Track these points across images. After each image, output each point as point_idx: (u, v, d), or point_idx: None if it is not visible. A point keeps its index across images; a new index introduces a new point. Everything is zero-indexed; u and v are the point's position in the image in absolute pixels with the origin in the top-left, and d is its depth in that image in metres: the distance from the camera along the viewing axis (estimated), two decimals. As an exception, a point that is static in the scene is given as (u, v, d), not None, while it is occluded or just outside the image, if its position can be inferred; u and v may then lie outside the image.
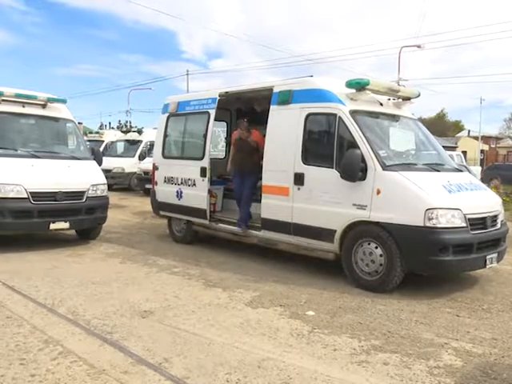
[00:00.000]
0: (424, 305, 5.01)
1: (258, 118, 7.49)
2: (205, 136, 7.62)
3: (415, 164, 6.01)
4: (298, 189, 6.11)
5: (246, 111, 8.90)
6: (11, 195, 6.86)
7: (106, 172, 11.69)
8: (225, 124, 9.43)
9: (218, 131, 9.71)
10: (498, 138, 63.70)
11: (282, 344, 3.88)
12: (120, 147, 19.34)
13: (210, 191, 7.58)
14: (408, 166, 5.75)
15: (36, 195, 7.02)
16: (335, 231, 5.72)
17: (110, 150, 19.38)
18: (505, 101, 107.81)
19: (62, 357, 3.54)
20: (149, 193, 9.72)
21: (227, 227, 7.40)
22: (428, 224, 5.08)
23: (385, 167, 5.42)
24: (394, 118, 6.60)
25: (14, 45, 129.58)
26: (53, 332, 4.01)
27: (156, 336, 3.98)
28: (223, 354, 3.64)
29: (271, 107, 6.65)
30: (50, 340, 3.84)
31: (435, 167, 6.04)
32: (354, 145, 5.57)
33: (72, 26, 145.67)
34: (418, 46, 28.87)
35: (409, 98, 6.59)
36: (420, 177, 5.50)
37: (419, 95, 6.70)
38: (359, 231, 5.56)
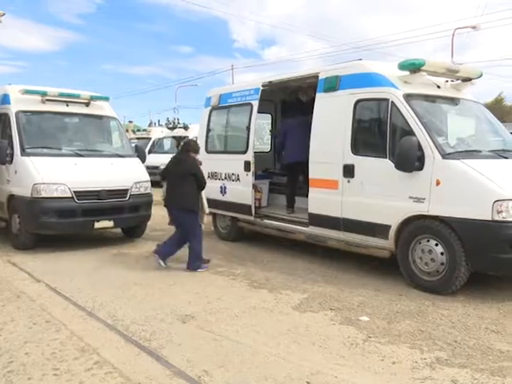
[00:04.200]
0: (493, 309, 4.48)
1: (304, 109, 7.11)
2: (248, 129, 7.32)
3: (479, 151, 5.42)
4: (348, 181, 5.69)
5: (291, 102, 8.53)
6: (55, 194, 6.84)
7: (153, 169, 11.68)
8: (269, 116, 9.09)
9: (262, 124, 9.39)
10: (562, 122, 59.72)
11: (333, 355, 3.51)
12: (167, 144, 19.41)
13: (254, 186, 7.29)
14: (471, 154, 5.19)
15: (80, 194, 6.96)
16: (390, 226, 5.27)
17: (157, 146, 19.51)
18: None
19: (97, 367, 3.34)
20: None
21: (274, 223, 7.07)
22: (497, 218, 4.54)
23: (445, 155, 4.91)
24: (454, 101, 6.02)
25: (64, 42, 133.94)
26: (90, 339, 3.83)
27: (196, 344, 3.71)
28: (268, 367, 3.32)
29: (317, 95, 6.25)
30: (87, 348, 3.66)
31: (502, 154, 5.43)
32: (409, 132, 5.09)
33: (126, 21, 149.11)
34: (473, 27, 27.28)
35: (469, 79, 5.98)
36: (485, 165, 4.94)
37: (481, 75, 6.06)
38: (417, 226, 5.08)
